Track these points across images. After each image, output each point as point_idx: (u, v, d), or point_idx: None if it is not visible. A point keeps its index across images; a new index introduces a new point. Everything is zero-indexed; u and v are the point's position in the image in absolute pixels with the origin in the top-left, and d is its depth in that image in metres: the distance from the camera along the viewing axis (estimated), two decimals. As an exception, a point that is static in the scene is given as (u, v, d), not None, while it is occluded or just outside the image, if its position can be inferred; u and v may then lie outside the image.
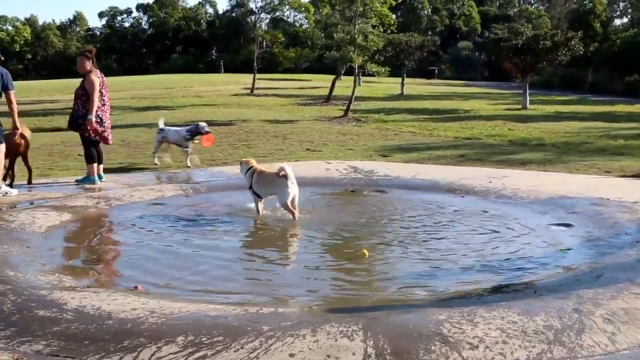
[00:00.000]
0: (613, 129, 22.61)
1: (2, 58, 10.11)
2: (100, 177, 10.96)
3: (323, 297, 5.59)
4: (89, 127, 10.47)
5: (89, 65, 10.70)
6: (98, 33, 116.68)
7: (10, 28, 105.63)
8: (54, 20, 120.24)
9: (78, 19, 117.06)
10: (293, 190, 8.34)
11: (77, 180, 10.85)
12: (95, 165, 10.76)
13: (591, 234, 7.57)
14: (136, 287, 5.75)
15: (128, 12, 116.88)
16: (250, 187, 8.72)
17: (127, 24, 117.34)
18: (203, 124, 13.40)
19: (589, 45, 55.61)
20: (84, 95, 10.56)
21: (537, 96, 38.46)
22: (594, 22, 69.41)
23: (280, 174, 8.34)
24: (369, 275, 6.25)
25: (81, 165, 11.94)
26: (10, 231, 7.52)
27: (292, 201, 8.38)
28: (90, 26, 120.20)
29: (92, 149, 10.78)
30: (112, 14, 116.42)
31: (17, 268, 6.13)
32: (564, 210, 8.79)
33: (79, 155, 13.82)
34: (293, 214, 8.37)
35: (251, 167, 8.81)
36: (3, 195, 9.45)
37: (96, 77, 10.62)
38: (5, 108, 9.57)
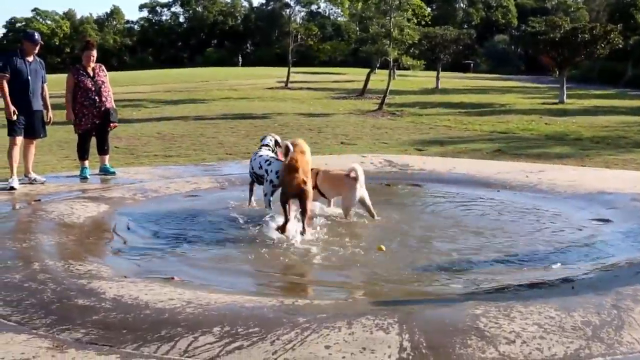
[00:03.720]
0: (653, 123, 22.25)
1: (42, 43, 10.23)
2: (107, 169, 11.01)
3: (357, 289, 5.60)
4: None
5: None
6: (135, 26, 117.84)
7: (50, 22, 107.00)
8: (91, 14, 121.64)
9: (115, 12, 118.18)
10: (361, 192, 7.97)
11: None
12: (82, 160, 10.80)
13: (631, 229, 7.47)
14: (172, 278, 5.81)
15: (168, 5, 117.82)
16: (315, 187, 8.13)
17: (164, 18, 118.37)
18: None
19: (628, 38, 54.54)
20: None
21: (575, 90, 37.95)
22: (635, 14, 68.10)
23: (351, 175, 7.95)
24: (403, 268, 6.22)
25: (116, 157, 12.07)
26: (50, 221, 7.64)
27: (363, 204, 8.06)
28: (128, 19, 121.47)
29: (82, 142, 10.86)
30: (153, 6, 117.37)
31: (57, 258, 6.23)
32: (602, 205, 8.68)
33: (115, 147, 13.99)
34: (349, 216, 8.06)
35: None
36: (9, 189, 9.56)
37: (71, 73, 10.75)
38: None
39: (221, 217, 8.31)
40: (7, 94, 9.59)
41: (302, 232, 7.19)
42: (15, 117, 9.63)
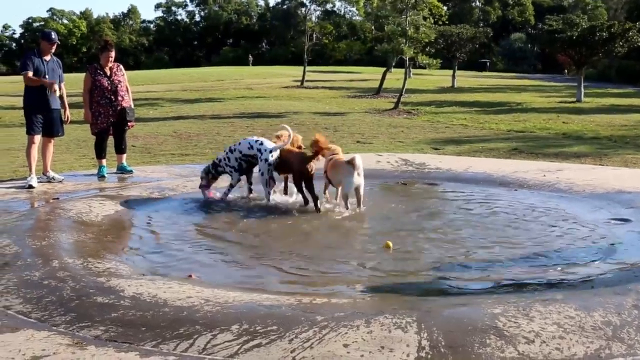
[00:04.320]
0: (671, 122, 22.07)
1: (59, 42, 10.31)
2: (124, 168, 11.07)
3: (374, 287, 5.59)
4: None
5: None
6: (151, 26, 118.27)
7: (66, 22, 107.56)
8: (107, 14, 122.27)
9: (132, 12, 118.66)
10: (358, 180, 8.30)
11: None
12: (99, 158, 10.86)
13: (650, 229, 7.42)
14: (190, 276, 5.83)
15: (183, 4, 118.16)
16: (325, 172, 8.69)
17: (179, 17, 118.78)
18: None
19: (647, 36, 54.08)
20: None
21: (592, 89, 37.71)
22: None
23: (352, 162, 8.28)
24: (421, 266, 6.21)
25: (133, 156, 12.13)
26: (68, 219, 7.69)
27: (357, 192, 8.38)
28: (144, 19, 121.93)
29: (99, 141, 10.90)
30: (168, 6, 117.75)
31: (75, 255, 6.27)
32: (621, 205, 8.61)
33: (132, 146, 14.06)
34: (346, 206, 8.38)
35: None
36: (28, 187, 9.63)
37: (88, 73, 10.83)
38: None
39: (239, 214, 8.34)
40: (38, 81, 9.72)
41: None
42: (55, 88, 9.75)
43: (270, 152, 8.78)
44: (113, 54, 10.75)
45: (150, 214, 8.35)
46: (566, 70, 32.93)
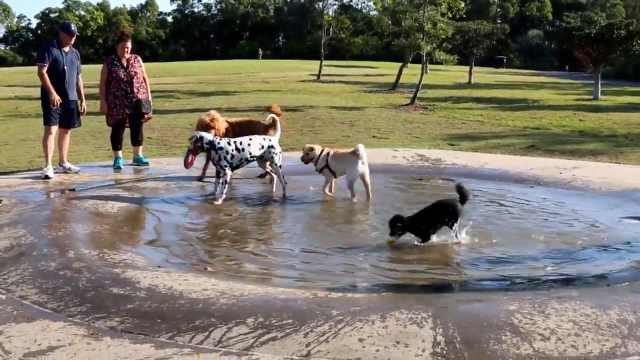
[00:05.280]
0: (690, 121, 21.87)
1: (78, 34, 10.35)
2: (140, 160, 11.08)
3: (390, 283, 5.59)
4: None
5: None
6: (169, 18, 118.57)
7: (83, 13, 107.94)
8: (124, 5, 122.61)
9: (150, 4, 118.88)
10: (362, 169, 8.73)
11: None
12: (115, 150, 10.87)
13: (667, 228, 7.37)
14: (205, 269, 5.85)
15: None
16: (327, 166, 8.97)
17: (196, 10, 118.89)
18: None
19: (665, 35, 53.60)
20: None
21: (609, 87, 37.40)
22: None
23: (355, 152, 8.72)
24: (436, 262, 6.20)
25: (149, 148, 12.15)
26: (84, 210, 7.73)
27: (363, 180, 8.81)
28: (161, 11, 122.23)
29: (115, 132, 10.92)
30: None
31: (91, 246, 6.31)
32: (637, 203, 8.56)
33: (148, 138, 14.12)
34: (353, 195, 8.79)
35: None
36: (44, 178, 9.67)
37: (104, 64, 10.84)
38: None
39: (255, 207, 8.36)
40: (49, 82, 9.72)
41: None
42: (57, 106, 9.76)
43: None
44: (129, 44, 10.74)
45: (165, 205, 8.37)
46: (592, 68, 32.56)
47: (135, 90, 10.61)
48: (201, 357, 3.91)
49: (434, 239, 6.73)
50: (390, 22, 40.50)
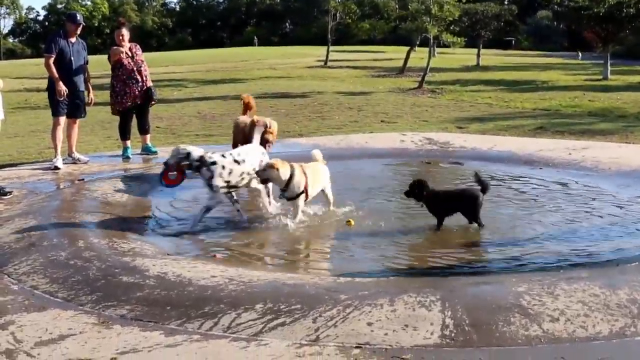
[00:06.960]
0: (700, 99, 21.71)
1: (84, 24, 10.35)
2: (149, 149, 11.08)
3: (398, 266, 5.59)
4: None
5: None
6: (175, 7, 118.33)
7: (89, 3, 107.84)
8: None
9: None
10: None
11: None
12: (124, 140, 10.86)
13: (677, 207, 7.33)
14: (214, 256, 5.87)
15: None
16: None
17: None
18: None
19: (675, 13, 53.08)
20: None
21: (619, 66, 37.11)
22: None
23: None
24: (444, 245, 6.20)
25: (157, 137, 12.17)
26: (94, 200, 7.75)
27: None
28: (166, 0, 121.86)
29: (123, 122, 10.92)
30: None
31: (101, 236, 6.33)
32: (648, 182, 8.53)
33: (156, 127, 14.14)
34: None
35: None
36: (54, 169, 9.70)
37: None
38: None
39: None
40: (56, 72, 9.72)
41: None
42: (64, 96, 9.77)
43: None
44: (124, 31, 10.70)
45: (174, 194, 8.38)
46: (602, 47, 32.28)
47: (144, 78, 10.63)
48: (210, 344, 3.93)
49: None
50: (397, 6, 40.28)
